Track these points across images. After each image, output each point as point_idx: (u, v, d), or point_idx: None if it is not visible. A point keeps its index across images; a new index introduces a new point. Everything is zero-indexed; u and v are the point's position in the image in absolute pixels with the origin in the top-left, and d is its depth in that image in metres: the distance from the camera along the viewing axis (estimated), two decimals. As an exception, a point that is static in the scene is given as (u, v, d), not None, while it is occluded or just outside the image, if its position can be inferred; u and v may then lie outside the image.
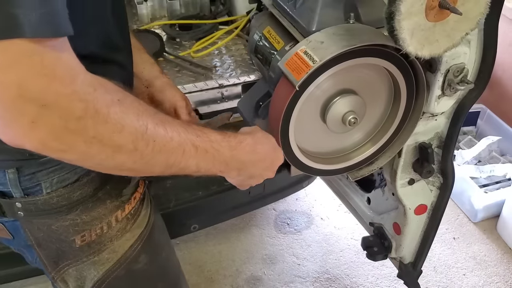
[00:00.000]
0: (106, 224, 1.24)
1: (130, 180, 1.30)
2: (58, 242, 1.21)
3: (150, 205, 1.39)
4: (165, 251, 1.46)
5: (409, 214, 1.74)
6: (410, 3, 1.04)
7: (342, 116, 1.31)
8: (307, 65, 1.18)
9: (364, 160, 1.49)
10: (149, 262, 1.37)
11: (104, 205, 1.22)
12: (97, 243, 1.25)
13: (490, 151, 3.38)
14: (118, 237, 1.27)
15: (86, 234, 1.22)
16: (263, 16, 1.60)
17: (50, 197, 1.14)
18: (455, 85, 1.39)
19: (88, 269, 1.27)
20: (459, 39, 1.16)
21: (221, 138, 1.09)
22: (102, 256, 1.27)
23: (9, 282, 2.58)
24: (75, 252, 1.24)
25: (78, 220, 1.19)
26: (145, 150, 0.92)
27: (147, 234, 1.35)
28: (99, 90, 0.85)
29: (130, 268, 1.32)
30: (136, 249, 1.32)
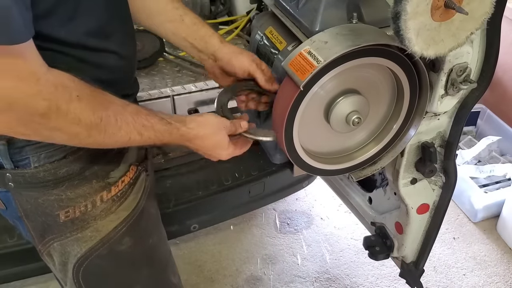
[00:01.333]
0: (91, 203, 1.29)
1: (120, 164, 1.34)
2: (44, 215, 1.27)
3: (142, 192, 1.42)
4: (153, 238, 1.48)
5: (411, 213, 1.74)
6: (416, 3, 1.03)
7: (346, 116, 1.31)
8: (311, 65, 1.18)
9: (367, 159, 1.49)
10: (133, 245, 1.40)
11: (89, 184, 1.28)
12: (81, 220, 1.29)
13: (490, 151, 3.38)
14: (102, 217, 1.32)
15: (70, 210, 1.27)
16: (265, 16, 1.60)
17: (37, 171, 1.20)
18: (458, 84, 1.39)
19: (72, 245, 1.32)
20: (464, 38, 1.16)
21: (164, 130, 1.19)
22: (85, 233, 1.31)
23: (9, 282, 2.58)
24: (60, 227, 1.29)
25: (63, 196, 1.25)
26: (98, 137, 1.07)
27: (134, 218, 1.38)
28: (60, 88, 0.98)
29: (113, 249, 1.36)
30: (120, 231, 1.35)
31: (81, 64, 1.14)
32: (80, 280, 1.36)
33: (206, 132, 1.27)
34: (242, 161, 2.43)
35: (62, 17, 1.06)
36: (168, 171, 2.35)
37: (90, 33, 1.14)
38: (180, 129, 1.23)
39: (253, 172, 2.41)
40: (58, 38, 1.07)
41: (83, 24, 1.11)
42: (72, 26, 1.09)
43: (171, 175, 2.36)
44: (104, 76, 1.19)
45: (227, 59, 1.45)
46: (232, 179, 2.39)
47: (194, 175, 2.39)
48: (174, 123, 1.22)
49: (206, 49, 1.48)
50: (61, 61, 1.06)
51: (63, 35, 1.08)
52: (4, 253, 2.13)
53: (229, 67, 1.45)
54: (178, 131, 1.22)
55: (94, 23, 1.14)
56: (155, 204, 1.52)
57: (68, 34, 1.09)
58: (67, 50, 1.10)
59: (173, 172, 2.37)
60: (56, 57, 1.06)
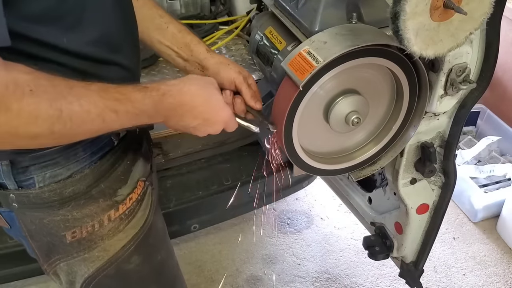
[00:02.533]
0: (98, 223, 1.24)
1: (128, 180, 1.29)
2: (49, 236, 1.22)
3: (150, 207, 1.37)
4: (161, 254, 1.45)
5: (411, 213, 1.74)
6: (415, 3, 1.04)
7: (345, 116, 1.31)
8: (310, 65, 1.18)
9: (367, 159, 1.49)
10: (142, 263, 1.36)
11: (96, 203, 1.23)
12: (88, 240, 1.25)
13: (490, 151, 3.38)
14: (110, 236, 1.27)
15: (77, 230, 1.22)
16: (264, 16, 1.60)
17: (42, 191, 1.15)
18: (458, 84, 1.39)
19: (79, 265, 1.28)
20: (463, 38, 1.16)
21: (142, 96, 1.06)
22: (93, 253, 1.27)
23: (9, 282, 2.58)
24: (66, 248, 1.25)
25: (69, 216, 1.20)
26: (64, 130, 0.95)
27: (142, 235, 1.34)
28: (11, 87, 0.86)
29: (121, 268, 1.32)
30: (128, 250, 1.31)
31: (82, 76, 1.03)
32: None
33: (193, 86, 1.15)
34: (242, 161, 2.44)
35: (64, 24, 1.01)
36: (169, 171, 2.35)
37: (94, 42, 1.08)
38: (160, 89, 1.10)
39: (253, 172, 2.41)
40: (59, 46, 1.02)
41: (88, 33, 1.06)
42: (75, 34, 1.04)
43: (171, 175, 2.36)
44: None
45: (215, 70, 1.38)
46: (232, 179, 2.39)
47: (194, 175, 2.39)
48: (151, 86, 1.09)
49: (192, 58, 1.41)
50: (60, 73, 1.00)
51: (65, 43, 1.02)
52: (4, 253, 2.13)
53: (218, 78, 1.35)
54: (158, 91, 1.09)
55: (100, 32, 1.10)
56: (161, 217, 1.48)
57: (70, 43, 1.03)
58: (68, 61, 1.05)
59: (173, 172, 2.37)
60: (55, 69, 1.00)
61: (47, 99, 0.91)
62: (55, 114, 0.92)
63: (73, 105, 0.94)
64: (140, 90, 1.06)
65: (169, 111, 1.12)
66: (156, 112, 1.10)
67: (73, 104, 0.94)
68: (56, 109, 0.92)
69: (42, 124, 0.91)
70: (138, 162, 1.34)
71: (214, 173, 2.41)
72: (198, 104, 1.15)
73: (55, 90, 0.93)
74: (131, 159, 1.30)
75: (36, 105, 0.89)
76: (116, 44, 1.16)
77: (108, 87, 1.02)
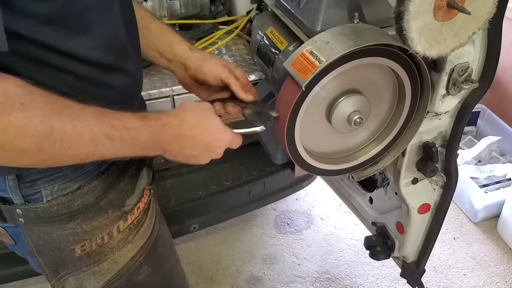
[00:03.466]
0: (107, 234, 1.22)
1: (135, 190, 1.27)
2: (58, 250, 1.20)
3: (155, 215, 1.36)
4: (169, 262, 1.43)
5: (412, 213, 1.74)
6: (419, 3, 1.04)
7: (347, 116, 1.31)
8: (313, 65, 1.18)
9: (369, 159, 1.49)
10: (152, 273, 1.35)
11: (105, 215, 1.20)
12: (98, 253, 1.23)
13: (490, 151, 3.38)
14: (120, 247, 1.25)
15: (86, 243, 1.20)
16: (265, 16, 1.60)
17: (50, 205, 1.12)
18: (460, 84, 1.39)
19: (88, 279, 1.26)
20: (466, 38, 1.16)
21: (140, 124, 1.01)
22: (103, 266, 1.25)
23: (9, 282, 2.57)
24: (75, 262, 1.22)
25: (79, 229, 1.18)
26: (52, 150, 0.90)
27: (150, 245, 1.32)
28: (1, 98, 0.83)
29: (131, 279, 1.30)
30: (138, 260, 1.30)
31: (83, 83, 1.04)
32: None
33: (192, 116, 1.11)
34: (242, 161, 2.44)
35: (70, 27, 0.98)
36: (168, 171, 2.34)
37: (101, 47, 1.05)
38: (160, 119, 1.05)
39: (253, 172, 2.41)
40: (63, 50, 0.98)
41: (95, 37, 1.03)
42: (81, 37, 1.01)
43: (171, 175, 2.36)
44: (111, 96, 1.11)
45: (196, 66, 1.35)
46: (232, 179, 2.39)
47: (194, 175, 2.39)
48: (151, 115, 1.05)
49: (175, 58, 1.38)
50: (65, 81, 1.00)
51: (69, 46, 0.99)
52: (4, 253, 2.13)
53: (200, 75, 1.36)
54: (158, 121, 1.05)
55: (107, 36, 1.07)
56: (166, 226, 1.46)
57: (76, 46, 1.00)
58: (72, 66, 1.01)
59: (173, 172, 2.37)
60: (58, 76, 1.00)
61: (38, 115, 0.87)
62: (45, 131, 0.87)
63: (66, 125, 0.90)
64: (139, 118, 1.03)
65: (168, 143, 1.09)
66: (154, 143, 1.06)
67: (66, 124, 0.90)
68: (47, 126, 0.87)
69: (30, 140, 0.86)
70: (143, 171, 1.32)
71: (214, 173, 2.41)
72: (197, 133, 1.11)
73: (49, 106, 0.89)
74: (137, 168, 1.29)
75: (26, 119, 0.85)
76: (123, 50, 1.14)
77: (106, 111, 0.98)
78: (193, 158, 1.15)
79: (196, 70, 1.35)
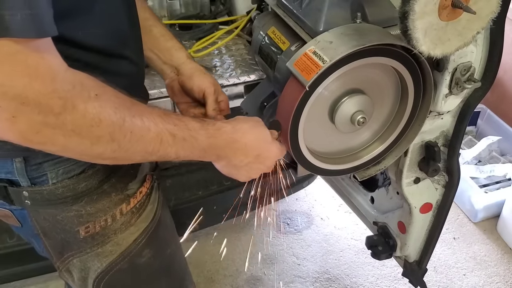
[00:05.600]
0: (111, 217, 1.25)
1: (137, 175, 1.31)
2: (63, 232, 1.23)
3: (157, 201, 1.39)
4: (170, 248, 1.46)
5: (414, 212, 1.74)
6: (424, 2, 1.04)
7: (350, 116, 1.31)
8: (317, 65, 1.18)
9: (371, 159, 1.49)
10: (153, 256, 1.37)
11: (109, 197, 1.24)
12: (101, 235, 1.26)
13: (490, 151, 3.38)
14: (122, 230, 1.29)
15: (90, 225, 1.24)
16: (267, 16, 1.60)
17: (55, 187, 1.16)
18: (462, 83, 1.39)
19: (92, 261, 1.29)
20: (470, 38, 1.16)
21: (199, 126, 1.09)
22: (106, 248, 1.28)
23: (9, 282, 2.57)
24: (79, 243, 1.26)
25: (83, 211, 1.21)
26: (123, 141, 0.95)
27: (152, 229, 1.35)
28: (77, 87, 0.88)
29: (133, 262, 1.33)
30: (140, 243, 1.33)
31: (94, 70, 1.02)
32: None
33: (245, 124, 1.18)
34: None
35: (79, 18, 1.03)
36: (168, 171, 2.34)
37: (106, 36, 1.11)
38: (215, 124, 1.13)
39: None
40: (74, 41, 1.03)
41: (100, 26, 1.08)
42: (89, 28, 1.05)
43: (171, 175, 2.36)
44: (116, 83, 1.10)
45: (189, 73, 1.45)
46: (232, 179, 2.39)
47: (194, 175, 2.39)
48: (207, 120, 1.13)
49: (171, 61, 1.47)
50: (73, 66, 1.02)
51: (80, 36, 1.03)
52: (4, 253, 2.13)
53: (189, 83, 1.45)
54: (213, 125, 1.12)
55: (110, 26, 1.12)
56: (168, 213, 1.49)
57: (85, 37, 1.04)
58: (81, 55, 1.05)
59: (172, 172, 2.37)
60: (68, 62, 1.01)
61: (111, 106, 0.93)
62: (118, 122, 0.93)
63: (135, 119, 0.96)
64: (197, 121, 1.10)
65: (222, 149, 1.15)
66: (210, 147, 1.12)
67: (135, 118, 0.96)
68: (119, 117, 0.93)
69: (105, 128, 0.92)
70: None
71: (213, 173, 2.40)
72: (248, 141, 1.17)
73: (119, 100, 0.95)
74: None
75: (101, 109, 0.90)
76: (125, 38, 1.18)
77: (168, 112, 1.05)
78: (245, 168, 1.23)
79: (187, 77, 1.45)
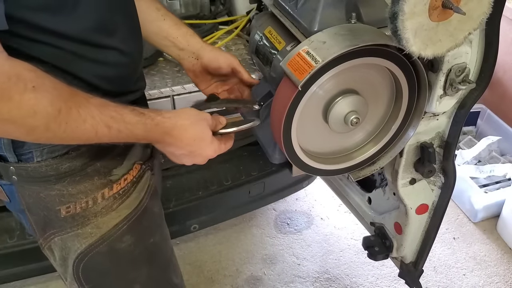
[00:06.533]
0: (92, 200, 1.27)
1: (123, 162, 1.33)
2: (45, 209, 1.26)
3: (146, 190, 1.40)
4: (154, 237, 1.47)
5: (410, 213, 1.74)
6: (414, 3, 1.03)
7: (344, 116, 1.31)
8: (309, 65, 1.18)
9: (366, 160, 1.49)
10: (134, 244, 1.38)
11: (91, 180, 1.26)
12: (81, 216, 1.28)
13: (490, 151, 3.38)
14: (103, 214, 1.30)
15: (71, 206, 1.26)
16: (264, 16, 1.60)
17: (39, 165, 1.19)
18: (457, 84, 1.39)
19: (72, 241, 1.31)
20: (462, 38, 1.16)
21: (136, 120, 1.12)
22: (86, 230, 1.30)
23: (9, 282, 2.58)
24: (60, 222, 1.28)
25: (64, 191, 1.24)
26: (58, 131, 1.01)
27: (135, 216, 1.36)
28: (13, 79, 0.93)
29: (113, 246, 1.35)
30: (121, 229, 1.34)
31: (80, 60, 1.13)
32: (80, 276, 1.36)
33: (185, 122, 1.22)
34: (242, 161, 2.44)
35: (61, 10, 1.05)
36: (168, 171, 2.35)
37: (91, 27, 1.12)
38: (155, 119, 1.16)
39: (253, 172, 2.42)
40: (57, 31, 1.06)
41: (84, 18, 1.10)
42: (72, 19, 1.08)
43: (171, 175, 2.37)
44: (105, 73, 1.19)
45: (212, 55, 1.51)
46: (232, 179, 2.40)
47: (194, 175, 2.39)
48: (148, 113, 1.16)
49: (188, 47, 1.51)
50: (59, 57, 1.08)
51: (62, 28, 1.07)
52: (4, 253, 2.13)
53: (214, 63, 1.51)
54: (152, 121, 1.16)
55: (96, 17, 1.13)
56: (159, 203, 1.51)
57: (68, 28, 1.08)
58: (66, 45, 1.09)
59: (173, 172, 2.37)
60: (54, 53, 1.07)
61: (48, 98, 0.97)
62: (53, 113, 0.98)
63: (72, 111, 1.01)
64: (136, 114, 1.13)
65: (158, 141, 1.21)
66: (145, 138, 1.18)
67: (72, 110, 1.01)
68: (55, 109, 0.98)
69: (40, 119, 0.97)
70: (136, 146, 1.37)
71: (213, 173, 2.41)
72: (185, 138, 1.22)
73: (57, 92, 0.99)
74: None
75: (37, 101, 0.95)
76: (112, 29, 1.20)
77: (108, 104, 1.09)
78: (175, 157, 1.28)
79: (211, 59, 1.51)
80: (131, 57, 1.28)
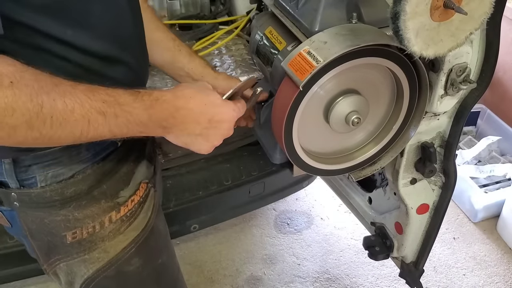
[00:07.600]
0: (99, 224, 1.24)
1: (130, 182, 1.29)
2: (49, 235, 1.22)
3: (152, 210, 1.37)
4: (162, 257, 1.45)
5: (411, 213, 1.74)
6: (415, 3, 1.03)
7: (345, 116, 1.31)
8: (310, 65, 1.18)
9: (367, 160, 1.49)
10: (142, 266, 1.36)
11: (98, 204, 1.22)
12: (88, 241, 1.25)
13: (490, 151, 3.38)
14: (111, 238, 1.27)
15: (77, 231, 1.22)
16: (264, 16, 1.60)
17: (43, 191, 1.15)
18: (458, 84, 1.39)
19: (78, 266, 1.28)
20: (463, 38, 1.16)
21: (132, 99, 1.00)
22: (93, 255, 1.26)
23: (9, 282, 2.58)
24: (66, 248, 1.24)
25: (70, 216, 1.20)
26: (43, 127, 0.90)
27: (143, 238, 1.33)
28: None
29: (121, 270, 1.32)
30: (129, 252, 1.31)
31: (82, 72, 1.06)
32: None
33: (188, 89, 1.11)
34: (242, 161, 2.44)
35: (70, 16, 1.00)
36: (168, 171, 2.35)
37: (101, 37, 1.08)
38: (152, 94, 1.04)
39: (253, 172, 2.42)
40: (63, 39, 1.00)
41: (95, 27, 1.06)
42: (81, 27, 1.03)
43: (171, 175, 2.37)
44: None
45: (225, 84, 1.48)
46: (232, 179, 2.40)
47: (194, 175, 2.39)
48: (143, 91, 1.03)
49: (203, 78, 1.49)
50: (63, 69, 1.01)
51: (69, 36, 1.01)
52: (4, 253, 2.13)
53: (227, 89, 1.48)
54: (150, 96, 1.03)
55: (108, 27, 1.09)
56: (163, 220, 1.48)
57: (75, 36, 1.02)
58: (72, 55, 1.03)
59: (173, 172, 2.37)
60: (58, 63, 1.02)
61: (27, 93, 0.87)
62: (35, 109, 0.87)
63: (56, 102, 0.90)
64: (131, 93, 1.01)
65: (165, 120, 1.07)
66: (150, 120, 1.04)
67: (56, 101, 0.90)
68: (36, 103, 0.87)
69: (20, 117, 0.86)
70: (142, 164, 1.34)
71: (214, 173, 2.41)
72: (194, 105, 1.09)
73: (38, 84, 0.89)
74: (134, 161, 1.30)
75: (14, 97, 0.85)
76: (125, 42, 1.15)
77: (97, 88, 0.97)
78: (201, 136, 1.14)
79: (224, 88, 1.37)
80: (139, 75, 1.25)
